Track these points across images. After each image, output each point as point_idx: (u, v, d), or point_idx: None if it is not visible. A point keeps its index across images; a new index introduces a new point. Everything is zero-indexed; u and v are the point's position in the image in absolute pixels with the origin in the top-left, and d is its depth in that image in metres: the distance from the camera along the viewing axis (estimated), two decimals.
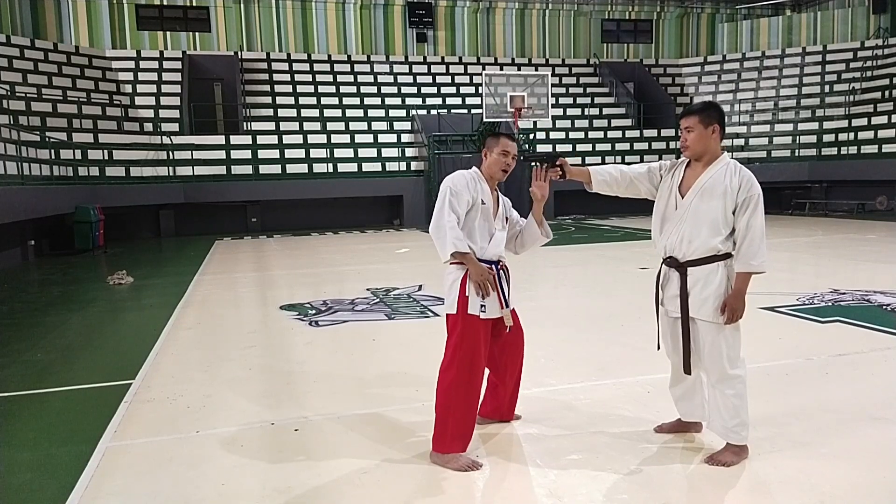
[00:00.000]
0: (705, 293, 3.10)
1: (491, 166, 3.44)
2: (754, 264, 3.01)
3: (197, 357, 5.43)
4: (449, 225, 3.20)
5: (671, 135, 23.04)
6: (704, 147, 3.12)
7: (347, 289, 8.52)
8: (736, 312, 3.07)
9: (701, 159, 3.15)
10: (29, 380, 4.91)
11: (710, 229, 3.06)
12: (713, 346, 3.11)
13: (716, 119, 3.11)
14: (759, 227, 3.00)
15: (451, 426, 3.19)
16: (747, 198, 3.02)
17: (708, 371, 3.17)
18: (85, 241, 13.85)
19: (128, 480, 3.16)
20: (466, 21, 26.05)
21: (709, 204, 3.06)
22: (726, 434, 3.13)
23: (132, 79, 21.59)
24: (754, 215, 3.01)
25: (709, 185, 3.07)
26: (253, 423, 3.85)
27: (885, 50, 24.31)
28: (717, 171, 3.09)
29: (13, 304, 8.29)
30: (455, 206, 3.26)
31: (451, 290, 3.30)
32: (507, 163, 3.41)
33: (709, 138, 3.10)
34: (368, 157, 20.24)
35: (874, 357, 4.81)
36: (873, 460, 3.11)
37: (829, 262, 10.03)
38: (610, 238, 13.75)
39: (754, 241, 2.99)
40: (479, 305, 3.23)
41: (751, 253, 3.00)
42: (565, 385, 4.39)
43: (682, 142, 3.20)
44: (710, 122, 3.10)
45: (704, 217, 3.07)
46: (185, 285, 9.20)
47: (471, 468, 3.13)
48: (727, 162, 3.12)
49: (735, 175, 3.06)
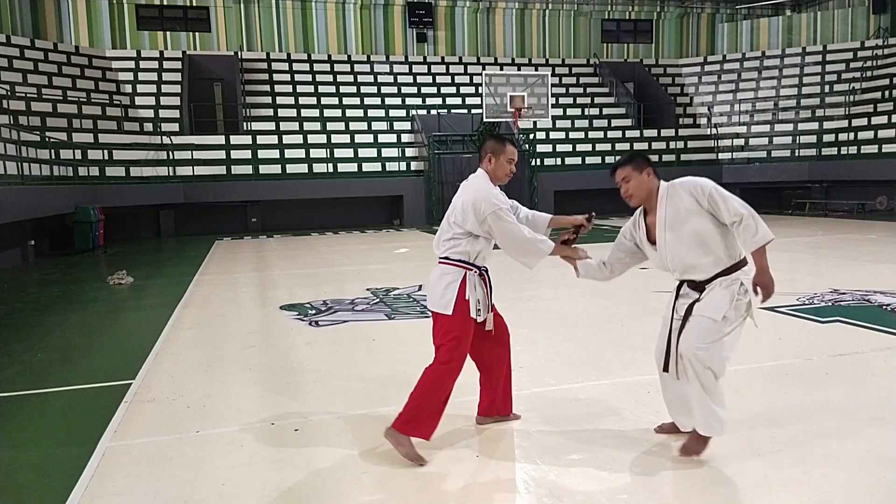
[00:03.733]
0: (713, 298, 3.10)
1: (497, 171, 3.47)
2: (757, 239, 3.01)
3: (197, 357, 5.43)
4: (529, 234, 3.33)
5: (671, 135, 23.05)
6: (647, 191, 3.24)
7: (347, 289, 8.52)
8: (768, 289, 3.04)
9: (650, 202, 3.25)
10: (29, 380, 4.91)
11: (703, 249, 3.09)
12: (699, 326, 3.08)
13: (646, 163, 3.25)
14: (739, 208, 3.02)
15: (424, 414, 3.25)
16: (707, 197, 3.06)
17: (681, 347, 3.12)
18: (85, 241, 13.85)
19: (128, 480, 3.16)
20: (466, 21, 26.05)
21: (684, 231, 3.11)
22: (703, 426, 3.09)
23: (132, 79, 21.59)
24: (727, 203, 3.03)
25: (671, 218, 3.14)
26: (253, 423, 3.85)
27: (885, 50, 24.31)
28: (667, 203, 3.16)
29: (13, 304, 8.29)
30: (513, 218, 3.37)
31: (446, 291, 3.31)
32: (512, 169, 3.49)
33: (647, 181, 3.23)
34: (368, 157, 20.25)
35: (874, 357, 4.81)
36: (873, 460, 3.10)
37: (829, 262, 10.03)
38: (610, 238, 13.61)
39: (745, 221, 3.00)
40: (476, 310, 3.32)
41: (749, 232, 3.01)
42: (565, 385, 4.39)
43: (623, 193, 3.30)
44: (642, 167, 3.22)
45: (689, 243, 3.11)
46: (185, 285, 9.20)
47: (416, 461, 3.20)
48: (667, 189, 3.20)
49: (682, 193, 3.13)
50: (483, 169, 3.49)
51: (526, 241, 3.32)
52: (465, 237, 3.36)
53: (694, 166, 22.17)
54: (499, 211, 3.30)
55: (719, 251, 3.09)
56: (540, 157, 20.90)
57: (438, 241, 3.45)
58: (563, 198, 20.87)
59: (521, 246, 3.33)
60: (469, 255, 3.37)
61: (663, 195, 3.18)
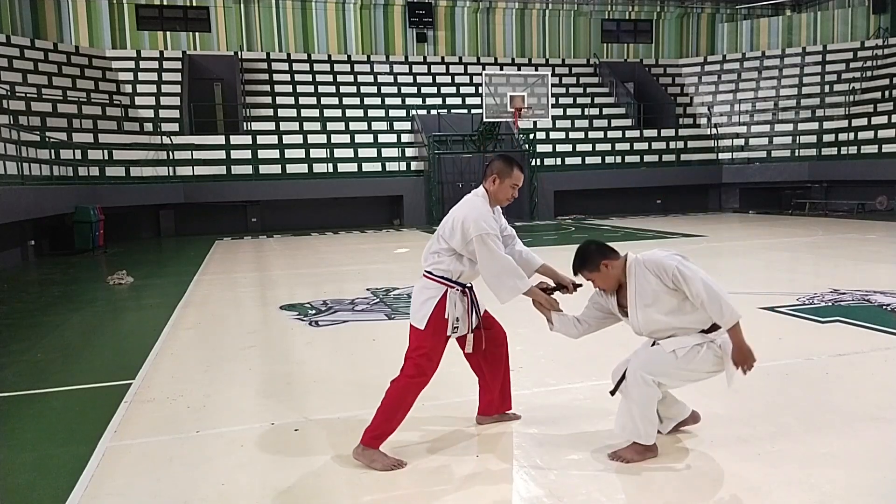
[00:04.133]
0: (680, 338, 3.16)
1: (498, 194, 3.43)
2: (724, 322, 3.04)
3: (197, 357, 5.43)
4: (511, 267, 3.30)
5: (671, 135, 23.06)
6: (614, 280, 3.24)
7: (347, 289, 8.52)
8: (744, 363, 3.07)
9: (620, 282, 3.26)
10: (29, 380, 4.92)
11: (676, 320, 3.13)
12: (653, 351, 3.17)
13: (599, 258, 3.21)
14: (703, 289, 3.01)
15: (388, 427, 3.26)
16: (672, 278, 3.07)
17: (630, 364, 3.19)
18: (85, 241, 13.85)
19: (128, 480, 3.16)
20: (466, 21, 26.05)
21: (654, 308, 3.14)
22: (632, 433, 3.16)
23: (132, 79, 21.59)
24: (689, 284, 3.03)
25: (641, 297, 3.16)
26: (253, 423, 3.85)
27: (885, 50, 24.30)
28: (635, 281, 3.17)
29: (13, 304, 8.29)
30: (501, 246, 3.33)
31: (423, 305, 3.32)
32: (514, 194, 3.46)
33: (608, 272, 3.22)
34: (368, 157, 20.25)
35: (874, 357, 4.81)
36: (873, 460, 3.10)
37: (829, 262, 10.03)
38: (610, 238, 13.73)
39: (711, 303, 3.01)
40: (453, 327, 3.32)
41: (717, 313, 3.03)
42: (565, 385, 4.39)
43: (594, 288, 3.34)
44: (597, 264, 3.22)
45: (660, 318, 3.14)
46: (185, 285, 9.20)
47: (396, 466, 3.18)
48: (633, 266, 3.19)
49: (646, 273, 3.13)
50: (485, 188, 3.44)
51: (504, 275, 3.28)
52: (449, 255, 3.34)
53: (694, 166, 22.21)
54: (485, 236, 3.24)
55: (691, 322, 3.13)
56: (540, 157, 20.91)
57: (426, 253, 3.43)
58: (563, 198, 20.89)
59: (499, 278, 3.28)
60: (452, 273, 3.34)
61: (631, 272, 3.19)
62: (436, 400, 4.07)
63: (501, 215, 3.60)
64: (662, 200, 22.04)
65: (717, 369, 3.15)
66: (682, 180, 21.85)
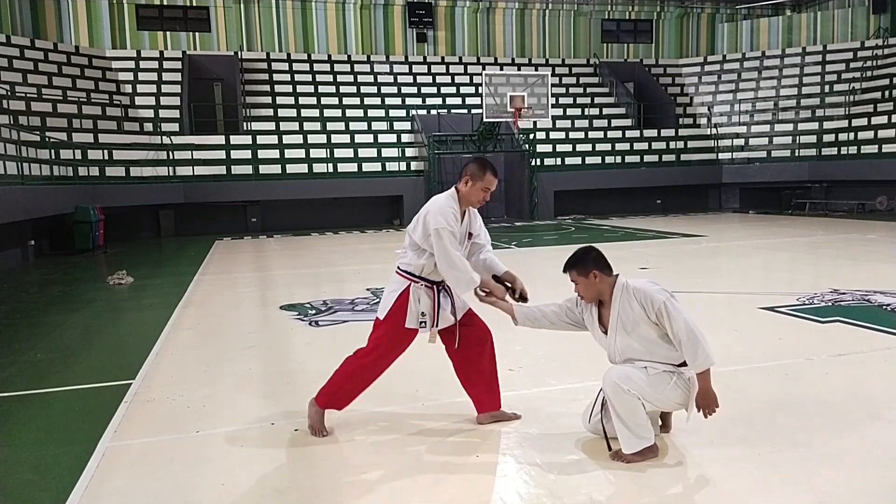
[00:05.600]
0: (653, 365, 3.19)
1: (470, 195, 3.49)
2: (698, 364, 3.07)
3: (197, 357, 5.43)
4: (463, 263, 3.36)
5: (671, 135, 23.05)
6: (596, 292, 3.26)
7: (347, 289, 8.52)
8: (708, 408, 3.14)
9: (603, 298, 3.27)
10: (29, 380, 4.91)
11: (650, 352, 3.16)
12: (626, 367, 3.18)
13: (591, 266, 3.22)
14: (684, 329, 3.04)
15: (341, 395, 3.56)
16: (657, 311, 3.09)
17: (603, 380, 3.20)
18: (85, 241, 13.85)
19: (128, 480, 3.16)
20: (466, 21, 26.05)
21: (633, 335, 3.17)
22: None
23: (132, 79, 21.59)
24: (672, 322, 3.06)
25: (623, 321, 3.18)
26: (253, 423, 3.85)
27: (885, 50, 24.30)
28: (620, 304, 3.19)
29: (13, 304, 8.29)
30: (455, 244, 3.39)
31: (386, 298, 3.51)
32: (485, 198, 3.51)
33: (594, 284, 3.22)
34: (368, 157, 20.25)
35: (874, 357, 4.81)
36: (873, 460, 3.10)
37: (829, 262, 10.03)
38: (610, 238, 13.74)
39: (688, 344, 3.04)
40: (419, 322, 3.43)
41: (691, 355, 3.06)
42: (565, 385, 4.39)
43: (575, 290, 3.33)
44: (587, 270, 3.21)
45: (636, 346, 3.17)
46: (185, 285, 9.20)
47: (318, 433, 3.53)
48: (621, 288, 3.20)
49: (632, 300, 3.15)
50: (457, 188, 3.52)
51: (457, 269, 3.35)
52: (413, 249, 3.48)
53: (694, 166, 22.21)
54: (442, 230, 3.33)
55: (664, 356, 3.16)
56: (540, 157, 20.90)
57: (398, 250, 3.60)
58: (563, 198, 20.88)
59: (452, 271, 3.36)
60: (415, 267, 3.47)
61: (617, 294, 3.20)
62: (436, 400, 4.07)
63: (478, 221, 3.68)
64: (662, 200, 22.05)
65: (683, 402, 3.18)
66: (682, 180, 21.85)
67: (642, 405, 3.11)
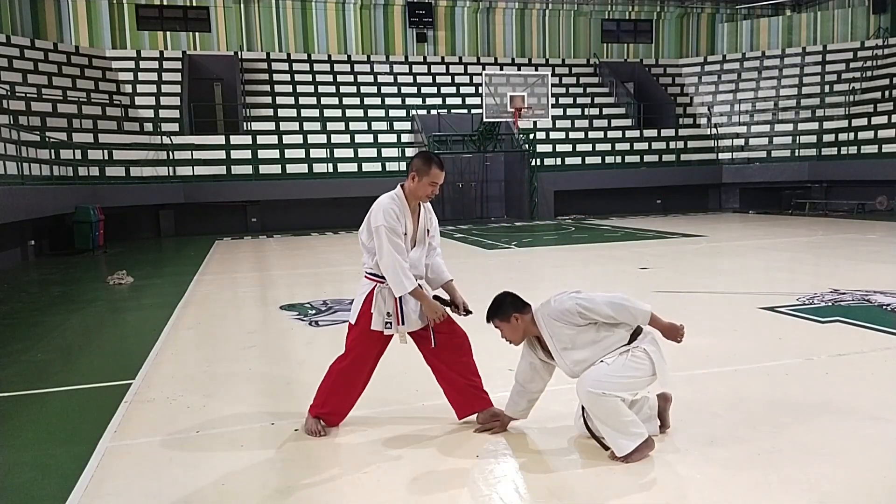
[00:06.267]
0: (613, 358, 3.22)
1: (417, 191, 3.51)
2: (639, 321, 3.21)
3: (197, 357, 5.43)
4: (399, 265, 3.38)
5: (671, 135, 23.06)
6: (520, 333, 3.35)
7: (347, 289, 8.51)
8: (676, 336, 3.23)
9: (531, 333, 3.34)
10: (29, 380, 4.91)
11: (600, 348, 3.19)
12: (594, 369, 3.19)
13: (511, 310, 3.31)
14: (608, 308, 3.15)
15: (329, 404, 3.59)
16: (579, 315, 3.16)
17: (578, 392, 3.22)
18: (85, 241, 13.85)
19: (128, 480, 3.16)
20: (466, 21, 26.05)
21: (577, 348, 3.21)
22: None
23: (132, 79, 21.59)
24: (596, 312, 3.15)
25: (561, 342, 3.23)
26: (253, 423, 3.85)
27: (885, 50, 24.31)
28: (548, 332, 3.24)
29: (13, 304, 8.29)
30: (396, 242, 3.40)
31: (355, 302, 3.57)
32: (434, 191, 3.52)
33: (518, 325, 3.31)
34: (368, 157, 20.25)
35: (874, 357, 4.81)
36: (873, 460, 3.10)
37: (829, 262, 10.03)
38: (610, 238, 13.74)
39: (620, 314, 3.15)
40: (385, 323, 3.46)
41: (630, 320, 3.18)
42: (565, 385, 4.37)
43: (502, 337, 3.38)
44: (507, 315, 3.29)
45: (584, 351, 3.20)
46: (185, 285, 9.20)
47: (316, 434, 3.55)
48: (541, 320, 3.26)
49: (552, 321, 3.22)
50: (403, 185, 3.54)
51: (394, 269, 3.38)
52: (367, 251, 3.53)
53: (694, 166, 22.21)
54: (382, 228, 3.37)
55: (611, 344, 3.20)
56: (540, 157, 20.90)
57: None
58: (563, 198, 20.88)
59: (389, 271, 3.39)
60: (373, 267, 3.52)
61: (541, 324, 3.26)
62: (436, 400, 4.06)
63: (434, 220, 3.69)
64: (662, 200, 22.05)
65: (651, 373, 3.18)
66: (682, 180, 21.85)
67: (621, 401, 3.12)
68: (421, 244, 3.58)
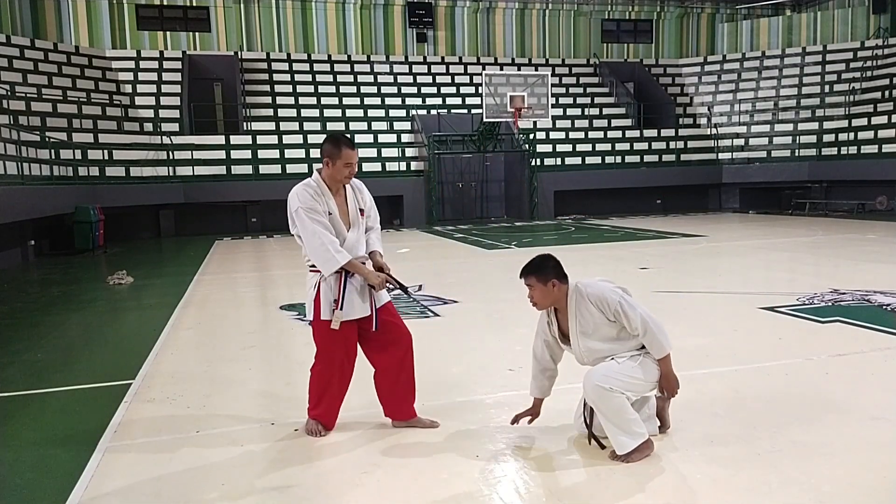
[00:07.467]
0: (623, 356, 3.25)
1: (335, 175, 3.50)
2: (655, 351, 3.18)
3: (197, 357, 5.43)
4: (327, 240, 3.34)
5: (671, 135, 23.05)
6: (551, 300, 3.29)
7: None
8: (670, 392, 3.25)
9: (559, 306, 3.31)
10: (29, 380, 4.91)
11: (615, 347, 3.21)
12: (603, 365, 3.22)
13: (552, 275, 3.25)
14: (641, 324, 3.14)
15: (321, 405, 3.59)
16: (614, 312, 3.16)
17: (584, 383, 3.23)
18: (85, 241, 13.85)
19: (128, 480, 3.16)
20: (466, 21, 26.05)
21: (595, 337, 3.22)
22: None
23: (132, 79, 21.59)
24: (630, 320, 3.15)
25: (583, 326, 3.23)
26: (253, 423, 3.85)
27: (885, 50, 24.30)
28: (577, 311, 3.24)
29: (13, 304, 8.29)
30: (319, 220, 3.37)
31: (308, 297, 3.53)
32: (352, 171, 3.51)
33: (551, 292, 3.25)
34: (368, 157, 20.23)
35: (874, 357, 4.81)
36: (873, 460, 3.10)
37: (829, 262, 10.03)
38: (610, 238, 13.74)
39: (646, 336, 3.16)
40: (332, 310, 3.42)
41: (649, 345, 3.18)
42: (564, 385, 4.37)
43: (529, 297, 3.33)
44: (547, 278, 3.25)
45: (601, 346, 3.22)
46: (185, 285, 9.20)
47: (316, 434, 3.54)
48: (574, 295, 3.24)
49: (588, 304, 3.20)
50: (319, 171, 3.53)
51: (322, 246, 3.34)
52: (301, 244, 3.49)
53: (694, 166, 22.21)
54: (300, 210, 3.37)
55: (628, 347, 3.23)
56: (540, 157, 20.90)
57: None
58: (563, 198, 20.88)
59: (318, 250, 3.35)
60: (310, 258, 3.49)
61: (573, 301, 3.24)
62: (436, 400, 4.07)
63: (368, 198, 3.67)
64: (662, 200, 22.05)
65: (656, 380, 3.21)
66: (682, 180, 21.86)
67: (627, 399, 3.13)
68: (356, 226, 3.54)
